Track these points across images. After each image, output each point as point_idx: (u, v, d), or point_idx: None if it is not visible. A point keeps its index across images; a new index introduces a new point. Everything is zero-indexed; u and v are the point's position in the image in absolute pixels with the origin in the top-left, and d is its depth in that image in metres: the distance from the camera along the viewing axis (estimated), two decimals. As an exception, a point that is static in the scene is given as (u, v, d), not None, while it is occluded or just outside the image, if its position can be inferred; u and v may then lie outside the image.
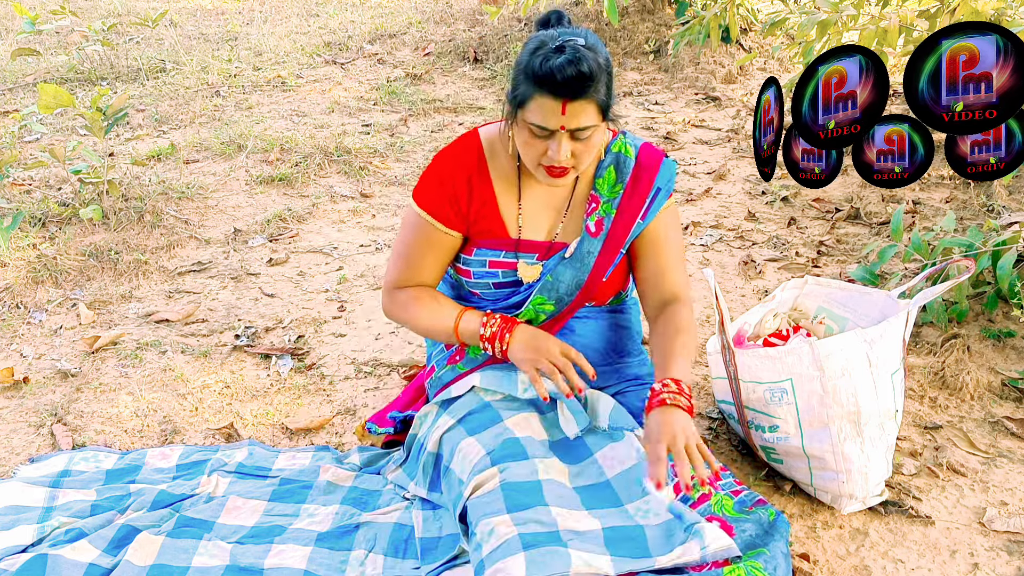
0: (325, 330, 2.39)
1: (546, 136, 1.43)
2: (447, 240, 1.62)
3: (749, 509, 1.40)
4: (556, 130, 1.41)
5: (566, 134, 1.42)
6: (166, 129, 4.08)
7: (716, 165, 3.69)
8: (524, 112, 1.43)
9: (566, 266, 1.61)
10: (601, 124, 1.45)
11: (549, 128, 1.41)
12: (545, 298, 1.61)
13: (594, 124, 1.43)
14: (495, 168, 1.61)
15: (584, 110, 1.40)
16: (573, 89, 1.37)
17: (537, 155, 1.46)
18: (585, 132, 1.43)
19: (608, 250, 1.61)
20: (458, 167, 1.59)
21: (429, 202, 1.60)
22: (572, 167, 1.48)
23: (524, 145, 1.47)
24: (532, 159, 1.48)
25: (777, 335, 1.83)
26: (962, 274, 1.79)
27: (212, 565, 1.45)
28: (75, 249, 2.78)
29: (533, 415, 1.56)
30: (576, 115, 1.40)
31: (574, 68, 1.36)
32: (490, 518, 1.33)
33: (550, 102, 1.39)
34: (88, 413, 2.00)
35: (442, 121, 4.24)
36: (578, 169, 1.50)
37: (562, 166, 1.46)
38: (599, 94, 1.41)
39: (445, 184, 1.59)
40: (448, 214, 1.59)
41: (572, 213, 1.64)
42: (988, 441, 1.86)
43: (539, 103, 1.40)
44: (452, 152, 1.61)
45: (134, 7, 6.51)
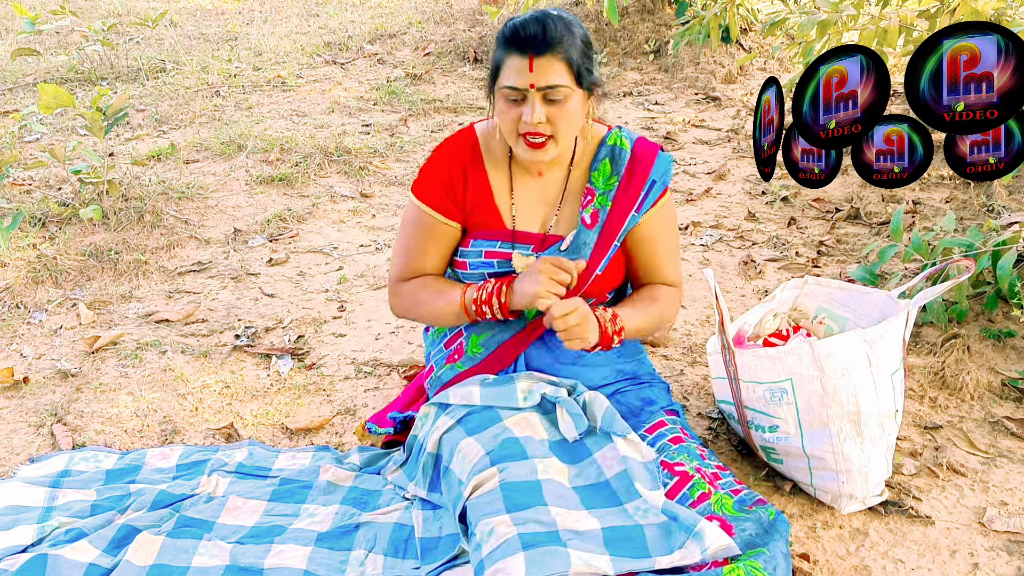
0: (325, 330, 2.39)
1: (519, 100, 1.47)
2: (447, 231, 1.65)
3: (749, 508, 1.40)
4: (526, 89, 1.45)
5: (538, 95, 1.46)
6: (166, 129, 4.08)
7: (716, 165, 3.69)
8: (499, 81, 1.49)
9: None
10: (576, 90, 1.48)
11: (519, 87, 1.45)
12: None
13: (565, 84, 1.46)
14: (490, 160, 1.65)
15: (551, 67, 1.44)
16: (538, 44, 1.43)
17: (513, 122, 1.50)
18: (556, 92, 1.46)
19: (603, 242, 1.63)
20: (453, 159, 1.64)
21: (427, 194, 1.64)
22: (550, 137, 1.50)
23: (501, 115, 1.51)
24: (510, 129, 1.51)
25: (777, 335, 1.83)
26: (962, 274, 1.79)
27: (212, 565, 1.45)
28: (75, 249, 2.78)
29: (533, 415, 1.56)
30: (544, 71, 1.44)
31: (538, 24, 1.43)
32: (490, 518, 1.33)
33: (518, 59, 1.45)
34: (88, 413, 2.00)
35: (442, 121, 4.24)
36: (557, 140, 1.52)
37: (537, 131, 1.48)
38: (568, 52, 1.45)
39: (442, 176, 1.63)
40: (446, 204, 1.63)
41: (565, 206, 1.66)
42: (988, 441, 1.86)
43: (509, 64, 1.46)
44: (448, 145, 1.66)
45: (134, 7, 6.51)
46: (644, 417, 1.63)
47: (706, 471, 1.48)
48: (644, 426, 1.61)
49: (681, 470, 1.48)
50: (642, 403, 1.67)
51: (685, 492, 1.44)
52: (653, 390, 1.71)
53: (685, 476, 1.47)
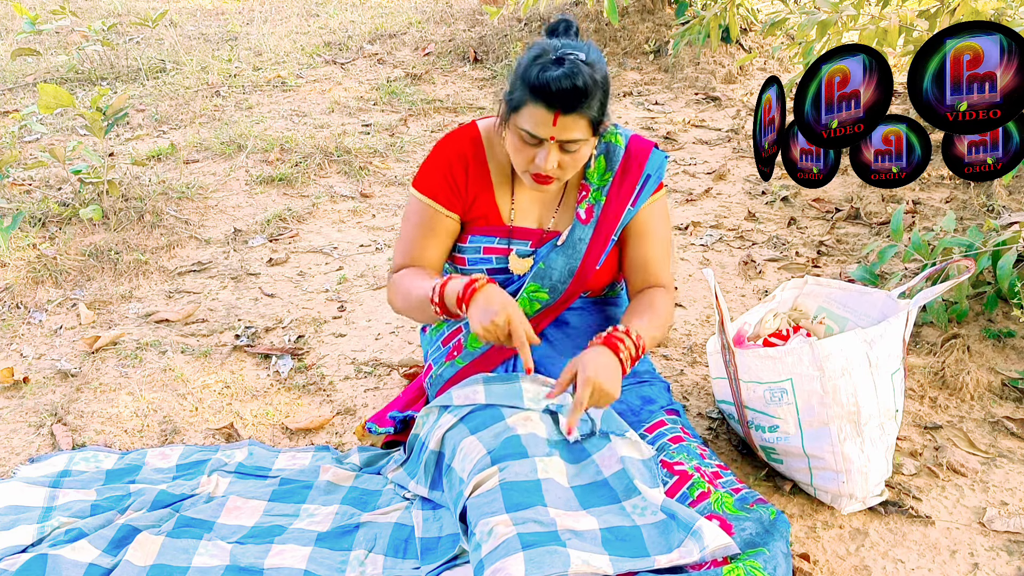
0: (325, 330, 2.39)
1: (535, 144, 1.47)
2: (447, 223, 1.65)
3: (750, 507, 1.40)
4: (546, 139, 1.45)
5: (555, 145, 1.46)
6: (166, 129, 4.08)
7: (716, 165, 3.69)
8: (517, 117, 1.46)
9: (558, 253, 1.64)
10: (591, 139, 1.49)
11: (539, 137, 1.44)
12: (539, 285, 1.64)
13: (584, 138, 1.46)
14: (491, 157, 1.66)
15: (575, 124, 1.43)
16: (566, 103, 1.40)
17: (525, 161, 1.50)
18: (574, 145, 1.46)
19: (599, 237, 1.64)
20: (455, 152, 1.64)
21: (428, 186, 1.65)
22: (557, 177, 1.52)
23: (513, 149, 1.51)
24: (520, 163, 1.52)
25: (777, 335, 1.83)
26: (962, 274, 1.79)
27: (212, 565, 1.45)
28: (75, 249, 2.78)
29: (535, 413, 1.56)
30: (567, 128, 1.43)
31: (569, 82, 1.38)
32: (489, 518, 1.33)
33: (542, 112, 1.42)
34: (88, 413, 2.00)
35: (442, 121, 4.24)
36: (562, 179, 1.54)
37: (547, 175, 1.50)
38: (592, 110, 1.44)
39: (443, 168, 1.64)
40: (447, 195, 1.64)
41: (565, 204, 1.68)
42: (988, 441, 1.86)
43: (532, 111, 1.43)
44: (450, 139, 1.66)
45: (134, 7, 6.51)
46: (644, 416, 1.63)
47: (706, 470, 1.48)
48: (644, 425, 1.61)
49: (681, 469, 1.48)
50: (642, 402, 1.67)
51: (684, 491, 1.44)
52: (653, 389, 1.71)
53: (685, 475, 1.47)
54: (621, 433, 1.54)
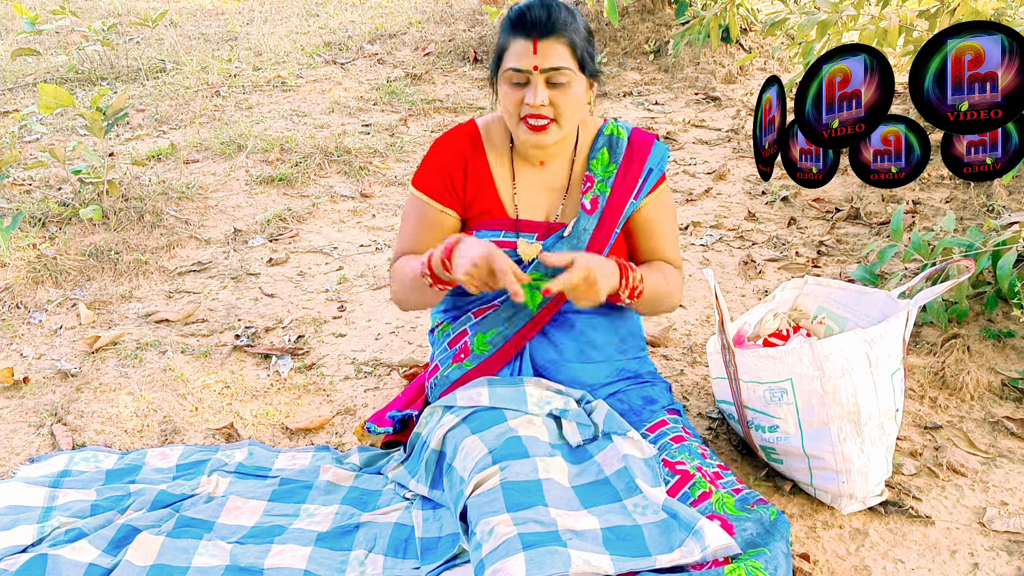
0: (325, 330, 2.39)
1: (523, 83, 1.50)
2: (444, 220, 1.67)
3: (750, 507, 1.40)
4: (530, 71, 1.48)
5: (541, 77, 1.49)
6: (166, 129, 4.08)
7: (716, 165, 3.69)
8: (502, 65, 1.51)
9: (563, 244, 1.65)
10: (579, 75, 1.52)
11: (523, 69, 1.48)
12: (541, 274, 1.63)
13: (568, 67, 1.49)
14: (491, 150, 1.67)
15: (555, 50, 1.48)
16: (542, 26, 1.47)
17: (516, 105, 1.52)
18: (560, 75, 1.49)
19: (603, 227, 1.65)
20: (453, 149, 1.66)
21: (425, 183, 1.67)
22: (552, 120, 1.53)
23: (504, 99, 1.54)
24: (512, 110, 1.53)
25: (777, 335, 1.83)
26: (962, 274, 1.79)
27: (212, 565, 1.45)
28: (75, 249, 2.78)
29: (538, 417, 1.56)
30: (547, 54, 1.47)
31: (543, 8, 1.47)
32: (490, 517, 1.33)
33: (522, 42, 1.48)
34: (88, 413, 2.00)
35: (442, 121, 4.24)
36: (559, 125, 1.54)
37: (539, 114, 1.51)
38: (571, 36, 1.49)
39: (439, 165, 1.66)
40: (443, 193, 1.65)
41: (571, 196, 1.69)
42: (988, 441, 1.86)
43: (513, 47, 1.49)
44: (447, 137, 1.68)
45: (134, 7, 6.51)
46: (645, 416, 1.64)
47: (707, 470, 1.48)
48: (646, 425, 1.62)
49: (682, 469, 1.48)
50: (644, 402, 1.67)
51: (686, 491, 1.44)
52: (655, 389, 1.71)
53: (686, 475, 1.47)
54: (623, 433, 1.54)
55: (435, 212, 1.66)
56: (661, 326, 2.38)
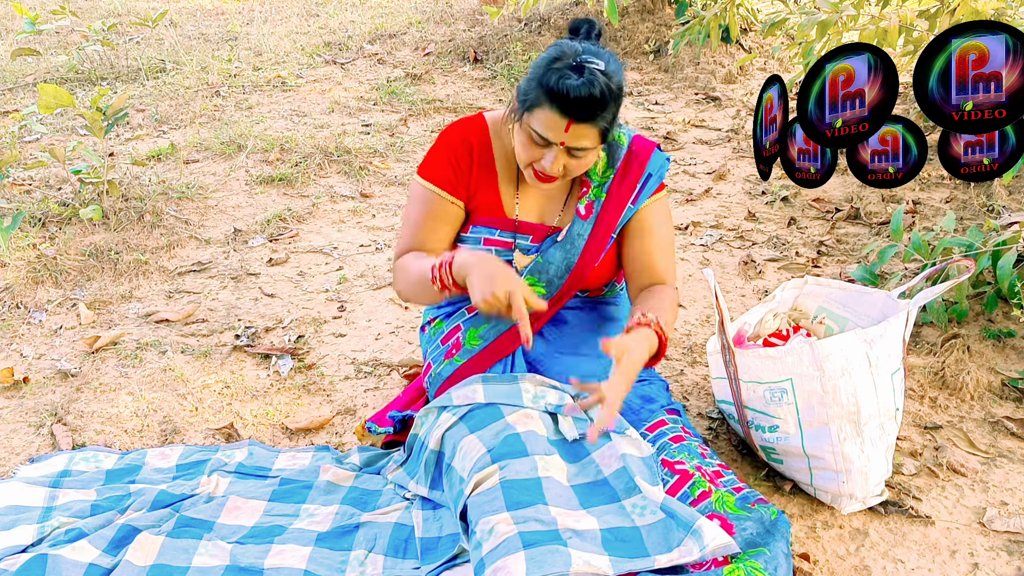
0: (325, 330, 2.39)
1: (543, 145, 1.48)
2: (451, 210, 1.65)
3: (751, 506, 1.40)
4: (555, 144, 1.46)
5: (563, 150, 1.47)
6: (166, 129, 4.08)
7: (716, 165, 3.69)
8: (529, 117, 1.46)
9: (557, 248, 1.65)
10: (598, 146, 1.50)
11: (549, 140, 1.45)
12: (535, 279, 1.64)
13: (592, 147, 1.47)
14: (498, 149, 1.66)
15: (587, 133, 1.44)
16: (581, 113, 1.40)
17: (531, 159, 1.51)
18: (582, 152, 1.48)
19: (598, 233, 1.64)
20: (461, 139, 1.65)
21: (432, 172, 1.65)
22: (559, 177, 1.53)
23: (521, 146, 1.51)
24: (525, 160, 1.53)
25: (777, 335, 1.83)
26: (962, 274, 1.79)
27: (212, 565, 1.45)
28: (75, 249, 2.78)
29: (535, 412, 1.56)
30: (578, 136, 1.44)
31: (587, 91, 1.38)
32: (490, 516, 1.33)
33: (556, 117, 1.42)
34: (88, 413, 2.00)
35: (442, 121, 4.24)
36: (565, 179, 1.57)
37: (550, 176, 1.51)
38: (605, 121, 1.44)
39: (448, 154, 1.64)
40: (451, 181, 1.64)
41: (570, 199, 1.69)
42: (988, 441, 1.86)
43: (545, 114, 1.43)
44: (456, 126, 1.66)
45: (134, 7, 6.51)
46: (644, 415, 1.64)
47: (707, 470, 1.48)
48: (645, 424, 1.61)
49: (682, 468, 1.48)
50: (642, 401, 1.67)
51: (685, 490, 1.44)
52: (653, 388, 1.71)
53: (686, 474, 1.47)
54: (621, 431, 1.54)
55: (442, 202, 1.64)
56: (661, 326, 2.38)
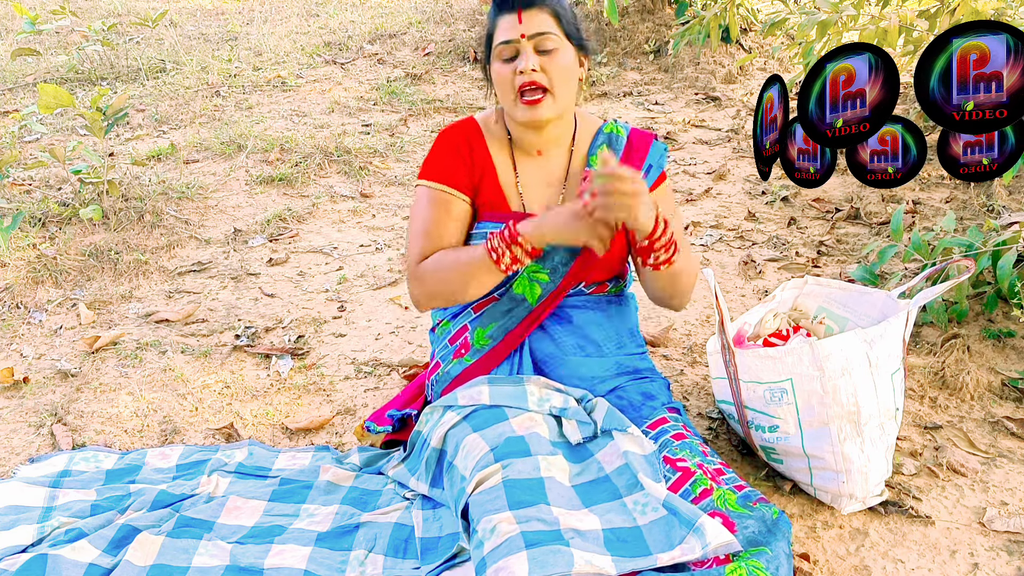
0: (325, 330, 2.39)
1: (513, 56, 1.54)
2: (460, 206, 1.66)
3: (753, 505, 1.40)
4: (518, 41, 1.52)
5: (530, 44, 1.53)
6: (166, 129, 4.08)
7: (716, 165, 3.69)
8: (493, 45, 1.56)
9: None
10: (566, 43, 1.55)
11: (511, 39, 1.52)
12: (539, 266, 1.64)
13: (553, 32, 1.53)
14: (492, 142, 1.69)
15: (539, 17, 1.52)
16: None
17: (510, 81, 1.54)
18: (547, 41, 1.52)
19: None
20: (458, 136, 1.68)
21: (437, 172, 1.66)
22: (547, 91, 1.54)
23: (498, 78, 1.57)
24: (507, 89, 1.56)
25: (777, 335, 1.83)
26: (962, 274, 1.79)
27: (212, 565, 1.45)
28: (75, 249, 2.78)
29: (539, 415, 1.56)
30: (532, 21, 1.52)
31: None
32: (492, 515, 1.33)
33: (507, 16, 1.53)
34: (88, 413, 2.00)
35: (442, 121, 4.24)
36: (553, 94, 1.55)
37: (532, 80, 1.53)
38: (554, 6, 1.53)
39: (450, 152, 1.67)
40: (458, 176, 1.65)
41: (570, 187, 1.70)
42: (988, 441, 1.86)
43: (500, 25, 1.54)
44: (450, 129, 1.70)
45: (134, 7, 6.50)
46: (645, 412, 1.64)
47: (708, 467, 1.48)
48: (646, 422, 1.61)
49: (683, 466, 1.48)
50: (643, 398, 1.67)
51: (687, 487, 1.44)
52: (654, 385, 1.71)
53: (687, 472, 1.47)
54: (623, 429, 1.54)
55: (451, 199, 1.64)
56: (661, 326, 2.38)
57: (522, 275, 1.66)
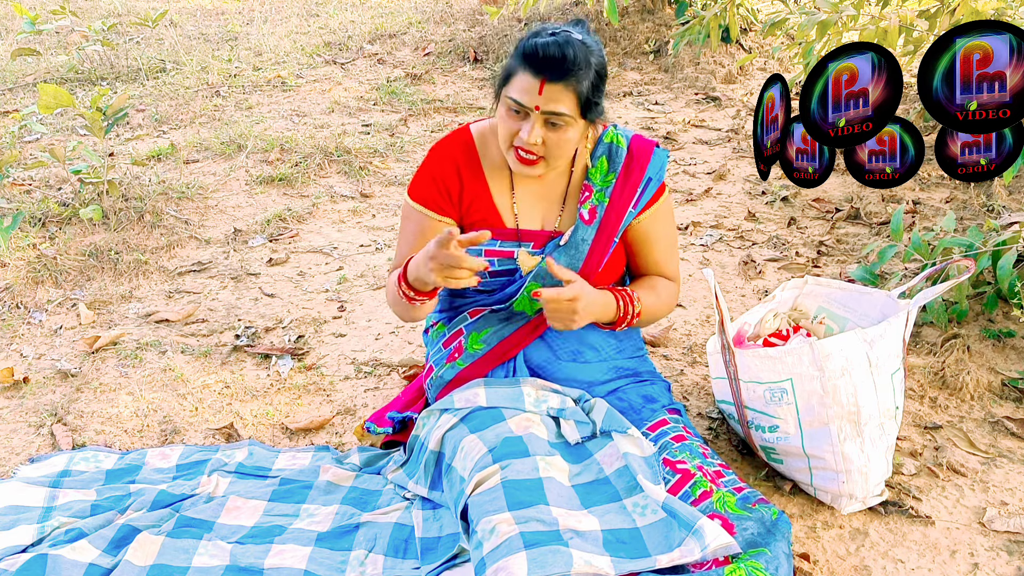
0: (325, 330, 2.39)
1: (522, 116, 1.48)
2: (440, 228, 1.65)
3: (752, 506, 1.40)
4: (531, 110, 1.46)
5: (540, 117, 1.46)
6: (166, 129, 4.08)
7: (716, 165, 3.69)
8: (507, 88, 1.49)
9: (560, 253, 1.64)
10: (578, 121, 1.49)
11: (525, 105, 1.45)
12: (539, 285, 1.63)
13: (568, 114, 1.46)
14: (487, 160, 1.65)
15: (561, 96, 1.44)
16: (553, 70, 1.41)
17: (510, 134, 1.51)
18: (559, 119, 1.46)
19: (602, 238, 1.64)
20: (446, 157, 1.65)
21: (421, 194, 1.65)
22: (542, 157, 1.52)
23: (501, 121, 1.52)
24: (506, 138, 1.52)
25: (777, 335, 1.83)
26: (962, 274, 1.79)
27: (212, 565, 1.45)
28: (75, 249, 2.77)
29: (536, 416, 1.56)
30: (552, 98, 1.44)
31: (558, 50, 1.41)
32: (491, 516, 1.33)
33: (530, 79, 1.44)
34: (88, 413, 2.00)
35: (442, 121, 4.24)
36: (548, 163, 1.54)
37: (530, 150, 1.50)
38: (580, 84, 1.44)
39: (435, 175, 1.64)
40: (439, 202, 1.64)
41: (569, 203, 1.68)
42: (988, 441, 1.86)
43: (520, 79, 1.46)
44: (440, 146, 1.66)
45: (134, 7, 6.50)
46: (645, 415, 1.64)
47: (708, 469, 1.48)
48: (646, 424, 1.62)
49: (683, 468, 1.48)
50: (644, 400, 1.67)
51: (687, 490, 1.44)
52: (654, 388, 1.71)
53: (687, 474, 1.47)
54: (623, 430, 1.54)
55: (431, 221, 1.65)
56: (661, 326, 2.38)
57: (522, 294, 1.66)
